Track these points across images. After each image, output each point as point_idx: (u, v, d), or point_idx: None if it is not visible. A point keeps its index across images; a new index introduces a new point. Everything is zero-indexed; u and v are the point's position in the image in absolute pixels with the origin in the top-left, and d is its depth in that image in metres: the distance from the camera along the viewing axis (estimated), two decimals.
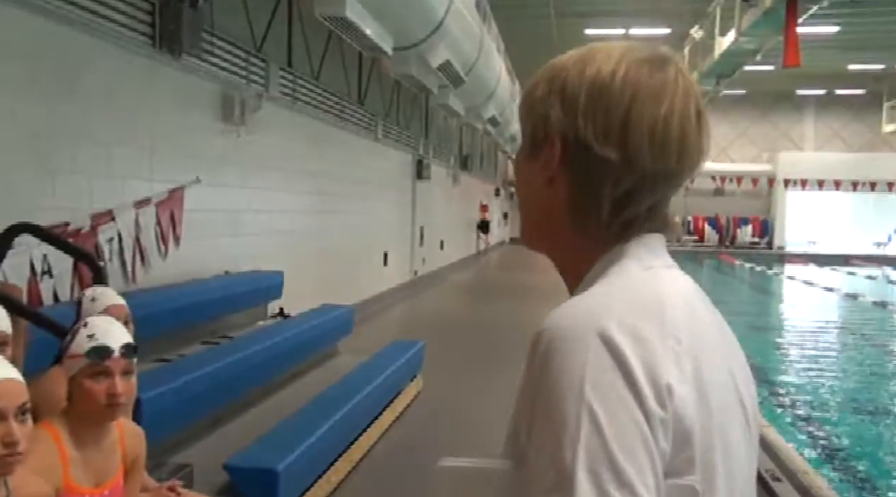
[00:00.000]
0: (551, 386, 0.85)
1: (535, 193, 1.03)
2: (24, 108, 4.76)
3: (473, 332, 10.96)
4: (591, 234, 0.98)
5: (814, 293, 20.01)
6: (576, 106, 0.97)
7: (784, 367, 10.78)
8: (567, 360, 0.85)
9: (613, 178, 0.95)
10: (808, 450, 6.87)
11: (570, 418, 0.82)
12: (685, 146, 0.96)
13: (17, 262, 4.55)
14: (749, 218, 33.50)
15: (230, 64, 7.22)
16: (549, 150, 0.99)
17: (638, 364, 0.84)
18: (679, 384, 0.86)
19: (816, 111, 33.05)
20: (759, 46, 15.14)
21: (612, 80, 0.95)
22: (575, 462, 0.80)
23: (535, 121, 1.02)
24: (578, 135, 0.96)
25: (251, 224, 7.97)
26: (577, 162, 0.97)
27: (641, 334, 0.86)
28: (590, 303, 0.91)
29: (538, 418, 0.86)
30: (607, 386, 0.83)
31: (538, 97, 1.02)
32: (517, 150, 1.11)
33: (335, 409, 5.09)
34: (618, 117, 0.94)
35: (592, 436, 0.81)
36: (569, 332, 0.87)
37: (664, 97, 0.95)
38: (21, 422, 1.86)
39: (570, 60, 1.02)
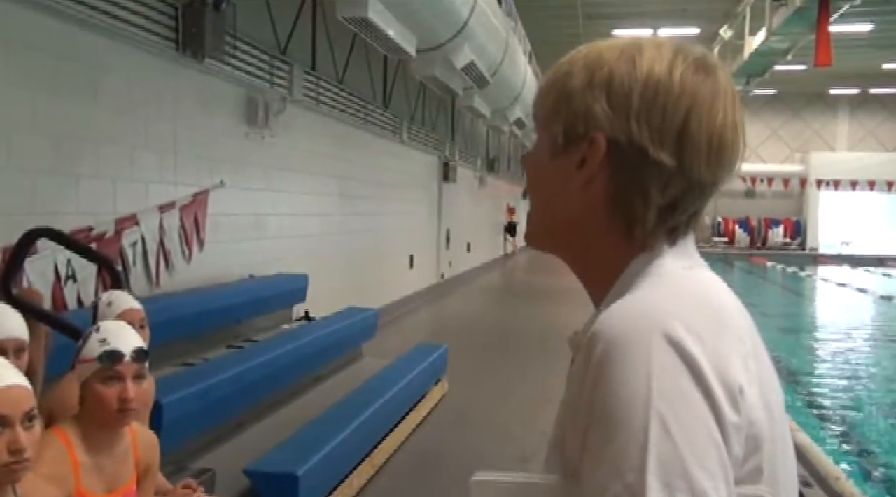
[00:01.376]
0: (613, 391, 0.80)
1: (562, 193, 0.96)
2: (47, 111, 4.79)
3: (500, 336, 10.88)
4: (629, 238, 0.94)
5: (847, 295, 19.67)
6: (628, 105, 0.91)
7: (816, 369, 10.58)
8: (630, 363, 0.80)
9: (663, 182, 0.91)
10: (839, 455, 6.72)
11: (636, 424, 0.77)
12: (735, 155, 0.94)
13: (41, 267, 4.58)
14: (781, 219, 33.04)
15: (254, 67, 7.22)
16: (589, 149, 0.93)
17: (709, 366, 0.80)
18: (749, 387, 0.82)
19: (850, 110, 32.53)
20: (791, 46, 14.92)
21: (669, 82, 0.91)
22: (645, 470, 0.76)
23: (571, 115, 0.95)
24: (632, 137, 0.90)
25: (275, 227, 7.97)
26: (624, 164, 0.91)
27: (707, 336, 0.82)
28: (648, 304, 0.86)
29: (597, 425, 0.81)
30: (676, 390, 0.79)
31: (575, 88, 0.95)
32: (535, 143, 1.03)
33: (358, 414, 5.06)
34: (676, 123, 0.90)
35: (663, 442, 0.76)
36: (630, 333, 0.82)
37: (719, 106, 0.92)
38: (27, 429, 1.83)
39: (611, 52, 0.95)
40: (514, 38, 12.65)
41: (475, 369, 8.34)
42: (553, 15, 17.51)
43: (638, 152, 0.90)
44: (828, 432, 7.60)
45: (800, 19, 12.76)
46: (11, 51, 4.49)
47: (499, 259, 23.84)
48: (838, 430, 7.77)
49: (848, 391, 9.40)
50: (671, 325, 0.81)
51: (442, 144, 15.38)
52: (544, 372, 8.03)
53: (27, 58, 4.62)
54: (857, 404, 8.81)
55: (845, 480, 5.02)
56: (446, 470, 5.36)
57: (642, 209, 0.91)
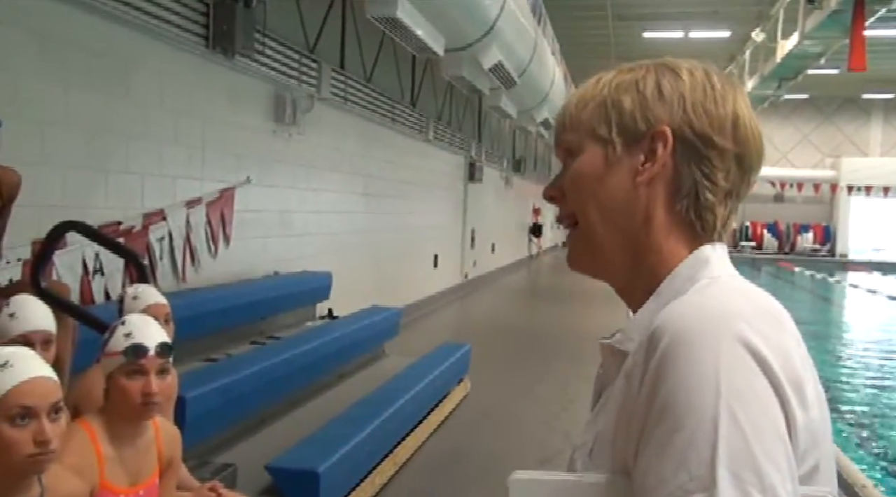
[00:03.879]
0: (681, 384, 0.80)
1: (625, 198, 0.98)
2: (80, 106, 4.84)
3: (523, 337, 10.86)
4: (692, 231, 0.97)
5: (878, 302, 19.39)
6: (682, 100, 0.96)
7: (844, 376, 10.44)
8: (698, 357, 0.81)
9: (726, 169, 0.96)
10: (867, 463, 6.62)
11: (706, 416, 0.78)
12: (762, 148, 1.01)
13: (69, 260, 4.63)
14: (810, 224, 32.63)
15: (282, 64, 7.26)
16: (657, 141, 0.96)
17: (778, 365, 0.81)
18: (808, 387, 0.84)
19: (884, 115, 32.02)
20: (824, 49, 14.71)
21: (711, 83, 0.98)
22: (715, 462, 0.76)
23: (627, 117, 0.98)
24: (694, 125, 0.95)
25: (301, 225, 8.01)
26: (688, 154, 0.96)
27: (771, 335, 0.84)
28: (712, 302, 0.88)
29: (661, 419, 0.80)
30: (746, 386, 0.79)
31: (622, 96, 0.99)
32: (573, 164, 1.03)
33: (380, 412, 5.06)
34: (728, 114, 0.96)
35: (733, 435, 0.77)
36: (698, 330, 0.83)
37: (749, 108, 1.00)
38: (54, 420, 1.85)
39: (643, 69, 1.01)
40: (543, 38, 12.60)
41: (498, 369, 8.33)
42: (583, 16, 17.41)
43: (702, 140, 0.95)
44: (856, 439, 7.49)
45: (834, 23, 12.58)
46: (46, 46, 4.55)
47: (523, 260, 23.77)
48: (866, 437, 7.66)
49: (876, 398, 9.28)
50: (737, 322, 0.83)
51: (468, 144, 15.36)
52: (567, 373, 8.00)
53: (61, 53, 4.68)
54: (886, 411, 8.69)
55: (872, 488, 4.95)
56: (468, 469, 5.35)
57: (711, 195, 0.96)
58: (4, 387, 1.78)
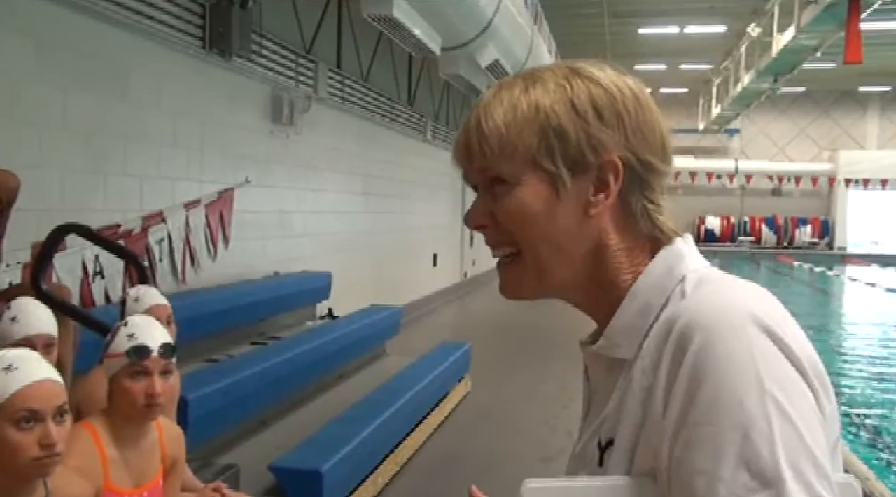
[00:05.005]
0: (719, 380, 0.78)
1: (571, 225, 0.93)
2: (78, 109, 4.84)
3: (523, 335, 10.86)
4: (642, 241, 0.95)
5: (876, 294, 19.40)
6: (622, 123, 0.93)
7: (844, 369, 10.44)
8: (733, 349, 0.79)
9: (661, 187, 0.96)
10: (869, 455, 6.64)
11: (755, 412, 0.76)
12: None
13: (69, 263, 4.63)
14: (808, 218, 32.64)
15: (279, 65, 7.26)
16: (608, 172, 0.92)
17: (799, 351, 0.81)
18: (824, 371, 0.85)
19: (881, 108, 32.02)
20: (820, 43, 14.71)
21: (636, 96, 0.95)
22: (778, 459, 0.75)
23: (573, 147, 0.92)
24: (638, 154, 0.93)
25: (300, 225, 8.01)
26: (633, 178, 0.93)
27: (784, 324, 0.83)
28: (724, 295, 0.86)
29: (706, 420, 0.78)
30: (784, 375, 0.79)
31: (564, 121, 0.92)
32: (492, 191, 0.95)
33: (381, 411, 5.07)
34: (659, 132, 0.95)
35: (786, 429, 0.76)
36: (725, 321, 0.81)
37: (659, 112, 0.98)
38: (59, 423, 1.85)
39: (556, 77, 0.95)
40: (539, 36, 12.60)
41: (498, 368, 8.33)
42: (578, 13, 17.40)
43: (644, 166, 0.93)
44: (857, 432, 7.51)
45: (829, 16, 12.58)
46: (43, 49, 4.55)
47: None
48: (867, 429, 7.67)
49: (877, 391, 9.29)
50: (758, 314, 0.82)
51: None
52: (567, 371, 8.00)
53: (58, 56, 4.67)
54: (887, 404, 8.70)
55: (875, 480, 4.97)
56: (469, 469, 5.35)
57: (656, 212, 0.94)
58: (9, 390, 1.78)
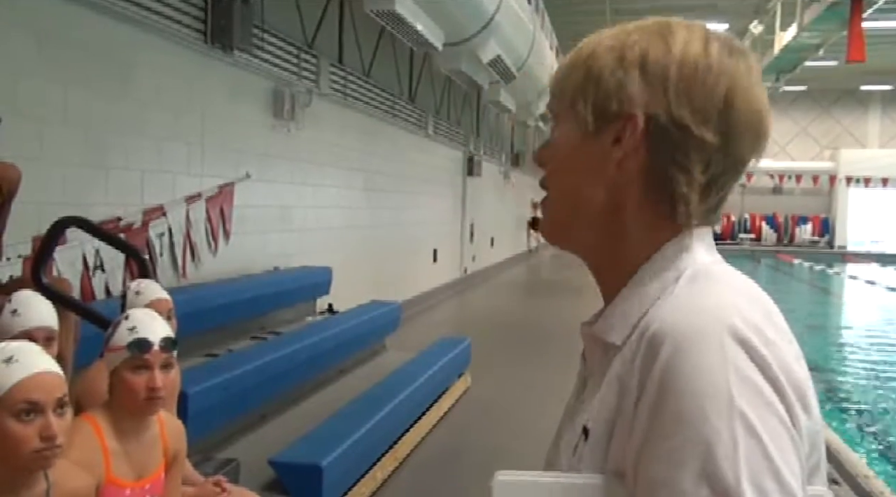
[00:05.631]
0: (687, 392, 0.75)
1: (594, 174, 0.92)
2: (78, 103, 4.83)
3: (523, 331, 10.86)
4: (666, 218, 0.90)
5: (876, 293, 19.41)
6: (665, 81, 0.88)
7: (844, 367, 10.47)
8: (704, 362, 0.76)
9: (706, 161, 0.88)
10: (868, 453, 6.64)
11: (721, 427, 0.73)
12: (768, 136, 0.93)
13: (70, 257, 4.63)
14: (809, 216, 32.64)
15: (281, 60, 7.24)
16: (626, 126, 0.89)
17: (776, 364, 0.77)
18: (809, 385, 0.81)
19: (882, 107, 32.00)
20: (822, 41, 14.72)
21: (706, 60, 0.89)
22: (739, 476, 0.72)
23: (602, 93, 0.91)
24: (672, 113, 0.88)
25: (301, 220, 8.01)
26: (663, 142, 0.88)
27: (766, 332, 0.79)
28: (706, 298, 0.83)
29: (673, 430, 0.75)
30: (754, 389, 0.75)
31: (604, 67, 0.92)
32: (555, 133, 0.99)
33: (381, 406, 5.07)
34: (717, 100, 0.88)
35: (751, 445, 0.73)
36: (698, 329, 0.78)
37: (756, 86, 0.91)
38: (60, 415, 1.85)
39: (640, 32, 0.94)
40: (541, 32, 12.59)
41: (498, 364, 8.33)
42: (581, 10, 17.39)
43: (679, 129, 0.88)
44: (856, 430, 7.51)
45: (832, 14, 12.58)
46: (44, 43, 4.54)
47: (522, 254, 23.78)
48: (867, 427, 7.68)
49: (876, 389, 9.30)
50: (735, 321, 0.78)
51: (467, 139, 15.35)
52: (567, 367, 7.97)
53: (59, 49, 4.66)
54: (885, 402, 8.71)
55: (874, 478, 4.97)
56: (469, 464, 5.36)
57: (685, 187, 0.88)
58: (10, 382, 1.78)
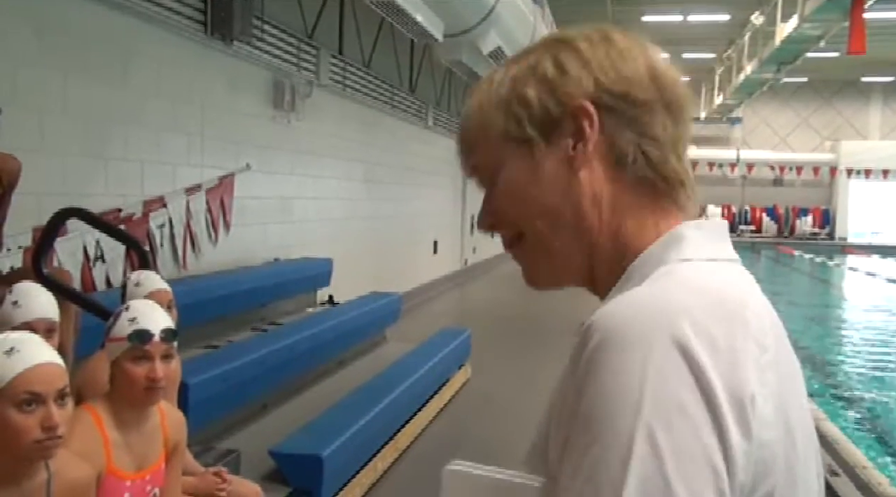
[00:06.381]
0: (600, 391, 0.70)
1: (563, 188, 0.86)
2: (77, 94, 4.82)
3: (522, 322, 10.87)
4: (642, 203, 0.85)
5: (876, 284, 19.43)
6: (588, 65, 0.85)
7: (844, 359, 10.47)
8: (623, 360, 0.70)
9: (661, 123, 0.85)
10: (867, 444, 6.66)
11: (621, 433, 0.68)
12: (687, 93, 0.90)
13: (70, 248, 4.63)
14: (809, 208, 32.62)
15: (281, 51, 7.23)
16: (580, 122, 0.84)
17: (717, 377, 0.69)
18: (763, 403, 0.71)
19: (883, 98, 31.94)
20: (823, 33, 14.65)
21: (610, 42, 0.87)
22: (623, 486, 0.66)
23: (535, 105, 0.86)
24: (612, 89, 0.84)
25: (301, 211, 8.00)
26: (618, 118, 0.84)
27: (721, 339, 0.71)
28: (657, 297, 0.75)
29: (580, 428, 0.71)
30: (673, 400, 0.68)
31: (522, 87, 0.88)
32: (488, 189, 0.96)
33: (381, 397, 5.08)
34: (641, 65, 0.86)
35: (647, 460, 0.66)
36: (631, 327, 0.72)
37: (660, 57, 0.89)
38: (61, 406, 1.86)
39: (533, 53, 0.91)
40: (542, 23, 12.55)
41: (498, 355, 8.34)
42: (581, 0, 17.33)
43: (624, 100, 0.84)
44: (855, 421, 7.53)
45: (834, 6, 12.53)
46: (44, 33, 4.53)
47: None
48: (866, 418, 7.70)
49: (876, 380, 9.31)
50: (681, 325, 0.71)
51: None
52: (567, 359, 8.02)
53: (59, 40, 4.66)
54: (885, 393, 8.73)
55: (872, 469, 4.99)
56: (468, 455, 5.33)
57: (658, 151, 0.85)
58: (12, 373, 1.79)
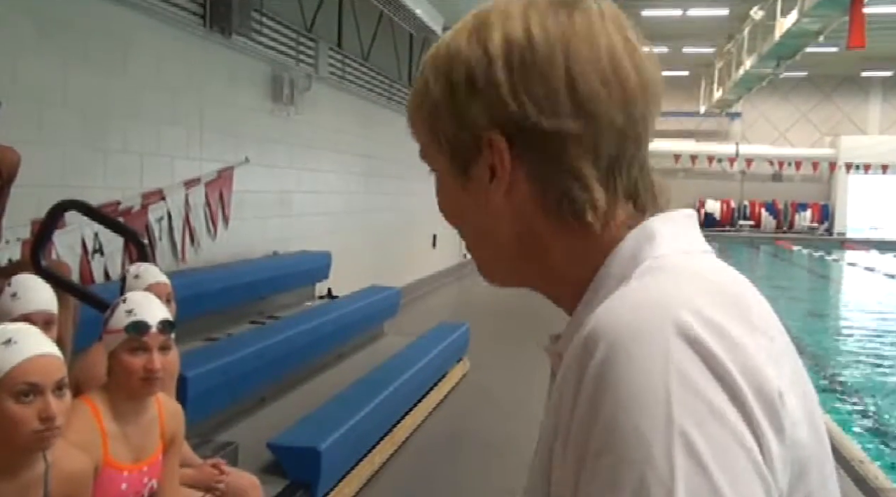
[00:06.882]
0: (621, 403, 0.61)
1: (488, 218, 0.79)
2: (77, 87, 4.82)
3: (521, 317, 10.84)
4: (586, 228, 0.75)
5: (875, 279, 19.44)
6: (498, 90, 0.74)
7: (842, 354, 10.48)
8: (641, 366, 0.61)
9: (590, 150, 0.74)
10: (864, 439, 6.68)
11: (656, 451, 0.59)
12: (645, 78, 0.76)
13: (69, 240, 4.64)
14: (808, 203, 32.63)
15: (280, 44, 7.23)
16: (491, 156, 0.76)
17: (736, 369, 0.62)
18: (789, 397, 0.64)
19: (883, 93, 31.94)
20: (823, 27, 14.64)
21: (531, 42, 0.74)
22: None
23: (448, 129, 0.79)
24: (520, 118, 0.74)
25: (300, 205, 8.01)
26: (531, 150, 0.75)
27: (729, 330, 0.64)
28: (654, 293, 0.68)
29: (605, 448, 0.61)
30: (705, 403, 0.60)
31: (437, 98, 0.79)
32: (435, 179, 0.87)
33: (379, 391, 5.09)
34: (559, 79, 0.73)
35: (693, 476, 0.58)
36: (637, 330, 0.63)
37: (599, 36, 0.75)
38: (59, 397, 1.87)
39: (459, 38, 0.79)
40: None
41: (496, 349, 8.36)
42: None
43: (538, 134, 0.74)
44: (853, 416, 7.55)
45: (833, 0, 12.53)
46: (43, 26, 4.53)
47: None
48: (863, 413, 7.72)
49: (874, 375, 9.32)
50: (686, 318, 0.63)
51: None
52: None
53: (58, 32, 4.65)
54: (883, 388, 8.74)
55: (869, 463, 5.01)
56: (466, 448, 5.39)
57: (582, 192, 0.74)
58: (10, 364, 1.80)
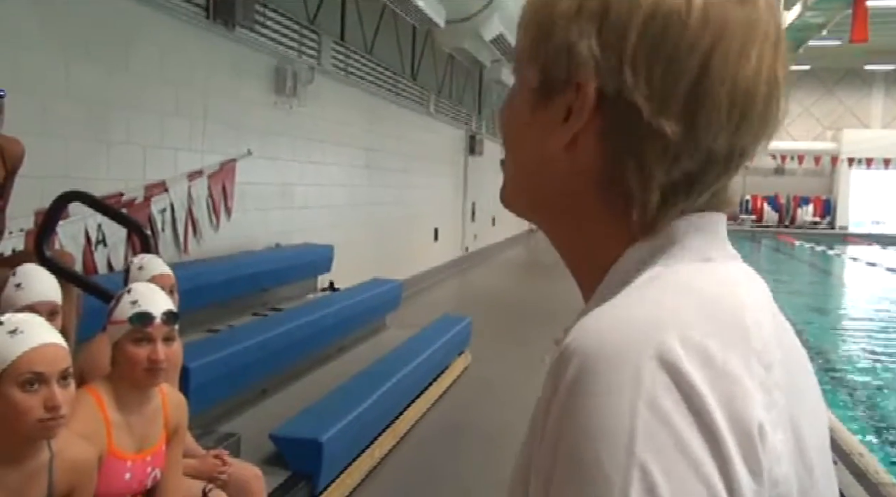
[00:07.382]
0: (584, 429, 0.57)
1: (543, 156, 0.71)
2: (80, 78, 4.83)
3: (523, 310, 10.89)
4: (626, 219, 0.69)
5: (877, 274, 19.44)
6: (622, 44, 0.65)
7: (843, 348, 10.50)
8: (608, 390, 0.57)
9: (670, 156, 0.65)
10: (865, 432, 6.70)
11: (613, 482, 0.55)
12: (769, 112, 0.68)
13: (72, 231, 4.65)
14: (810, 197, 32.62)
15: (283, 36, 7.22)
16: (573, 99, 0.67)
17: (715, 402, 0.57)
18: (773, 432, 0.60)
19: (886, 87, 31.89)
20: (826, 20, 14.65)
21: (684, 15, 0.64)
22: None
23: (551, 54, 0.69)
24: (624, 89, 0.65)
25: (302, 197, 8.01)
26: (616, 123, 0.66)
27: (715, 357, 0.59)
28: (642, 309, 0.62)
29: (563, 472, 0.58)
30: (669, 433, 0.56)
31: (558, 16, 0.68)
32: (515, 89, 0.76)
33: (381, 383, 5.11)
34: (687, 73, 0.64)
35: None
36: (613, 351, 0.58)
37: (754, 45, 0.66)
38: (63, 386, 1.88)
39: None
40: None
41: (498, 342, 8.37)
42: None
43: (631, 111, 0.65)
44: (854, 410, 7.57)
45: None
46: (47, 17, 4.53)
47: (524, 233, 23.78)
48: (863, 407, 7.73)
49: (874, 369, 9.34)
50: (667, 341, 0.58)
51: (469, 118, 15.32)
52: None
53: (62, 24, 4.66)
54: (884, 382, 8.76)
55: (869, 456, 5.02)
56: (467, 441, 5.41)
57: (639, 189, 0.66)
58: (15, 353, 1.81)
